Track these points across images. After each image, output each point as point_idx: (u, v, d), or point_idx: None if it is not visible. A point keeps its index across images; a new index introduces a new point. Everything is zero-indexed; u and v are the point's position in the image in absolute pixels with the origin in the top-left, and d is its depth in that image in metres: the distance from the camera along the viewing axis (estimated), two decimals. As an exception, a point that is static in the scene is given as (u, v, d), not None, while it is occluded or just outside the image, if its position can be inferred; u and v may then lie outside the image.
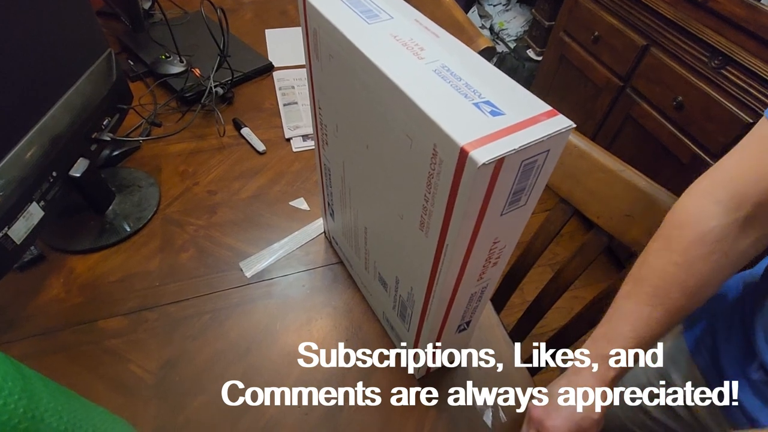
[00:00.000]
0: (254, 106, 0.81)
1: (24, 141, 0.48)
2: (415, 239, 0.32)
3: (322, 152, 0.47)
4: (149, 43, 0.86)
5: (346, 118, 0.37)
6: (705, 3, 1.01)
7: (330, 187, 0.50)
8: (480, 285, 0.35)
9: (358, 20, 0.32)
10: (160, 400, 0.46)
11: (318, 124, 0.45)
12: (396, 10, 0.33)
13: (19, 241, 0.48)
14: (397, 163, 0.31)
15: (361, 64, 0.30)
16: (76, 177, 0.54)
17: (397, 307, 0.44)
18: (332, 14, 0.32)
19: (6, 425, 0.24)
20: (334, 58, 0.34)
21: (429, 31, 0.31)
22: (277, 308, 0.54)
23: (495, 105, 0.25)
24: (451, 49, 0.29)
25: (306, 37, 0.37)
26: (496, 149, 0.22)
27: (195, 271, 0.57)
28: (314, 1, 0.33)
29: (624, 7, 1.23)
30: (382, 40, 0.30)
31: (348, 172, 0.42)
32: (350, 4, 0.33)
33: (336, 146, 0.42)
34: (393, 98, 0.27)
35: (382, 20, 0.32)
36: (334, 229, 0.56)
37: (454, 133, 0.23)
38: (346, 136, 0.39)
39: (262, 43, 0.96)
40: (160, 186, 0.65)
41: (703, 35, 1.01)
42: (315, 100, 0.43)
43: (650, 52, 1.16)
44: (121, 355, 0.49)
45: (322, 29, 0.34)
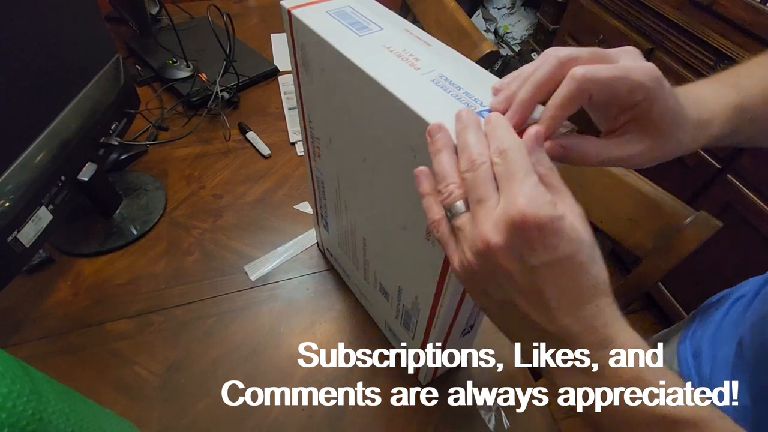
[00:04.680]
0: (259, 110, 0.81)
1: (33, 145, 0.49)
2: (421, 250, 0.32)
3: (314, 164, 0.47)
4: (156, 47, 0.87)
5: (340, 132, 0.37)
6: (710, 6, 1.01)
7: (324, 199, 0.49)
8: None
9: (349, 33, 0.31)
10: (166, 402, 0.46)
11: (308, 137, 0.44)
12: (384, 20, 0.33)
13: (28, 245, 0.48)
14: (399, 176, 0.31)
15: (357, 79, 0.29)
16: (84, 181, 0.55)
17: (400, 317, 0.44)
18: (321, 28, 0.32)
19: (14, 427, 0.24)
20: (327, 72, 0.34)
21: (421, 41, 0.31)
22: (281, 311, 0.54)
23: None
24: (446, 58, 0.29)
25: (293, 50, 0.37)
26: None
27: (200, 274, 0.57)
28: (300, 15, 0.33)
29: (628, 10, 1.22)
30: (377, 53, 0.30)
31: (343, 184, 0.42)
32: (337, 16, 0.33)
33: (329, 159, 0.42)
34: (396, 113, 0.27)
35: (373, 32, 0.32)
36: (328, 241, 0.55)
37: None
38: (340, 150, 0.39)
39: (268, 47, 0.97)
40: (166, 190, 0.66)
41: (708, 38, 1.01)
42: (305, 113, 0.42)
43: (655, 55, 1.16)
44: (127, 357, 0.49)
45: (310, 44, 0.33)
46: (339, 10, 0.34)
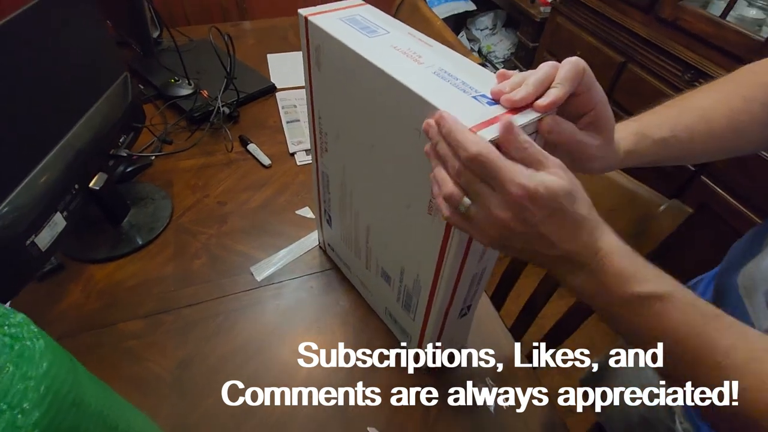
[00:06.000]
0: (259, 123, 0.85)
1: (50, 155, 0.52)
2: (423, 225, 0.35)
3: (320, 160, 0.51)
4: (158, 68, 0.91)
5: (349, 124, 0.41)
6: (675, 22, 1.09)
7: (328, 194, 0.53)
8: (480, 266, 0.39)
9: (360, 35, 0.36)
10: (177, 397, 0.48)
11: (317, 133, 0.48)
12: (390, 26, 0.38)
13: (44, 249, 0.50)
14: (405, 156, 0.35)
15: (368, 73, 0.34)
16: (96, 190, 0.58)
17: (401, 299, 0.47)
18: (335, 32, 0.37)
19: (57, 394, 0.27)
20: (339, 70, 0.38)
21: (423, 42, 0.36)
22: (286, 309, 0.57)
23: (490, 97, 0.29)
24: (445, 56, 0.34)
25: (307, 52, 0.42)
26: (497, 130, 0.27)
27: (208, 276, 0.59)
28: (316, 21, 0.38)
29: (602, 27, 1.31)
30: (385, 51, 0.34)
31: (349, 175, 0.46)
32: (349, 22, 0.38)
33: (336, 152, 0.46)
34: (402, 98, 0.31)
35: (380, 35, 0.37)
36: (330, 237, 0.59)
37: (462, 120, 0.27)
38: (347, 141, 0.43)
39: (265, 66, 1.02)
40: (172, 198, 0.69)
41: (675, 51, 1.09)
42: (314, 111, 0.47)
43: (628, 68, 1.24)
44: (140, 355, 0.51)
45: (326, 45, 0.38)
46: (350, 17, 0.39)
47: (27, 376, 0.25)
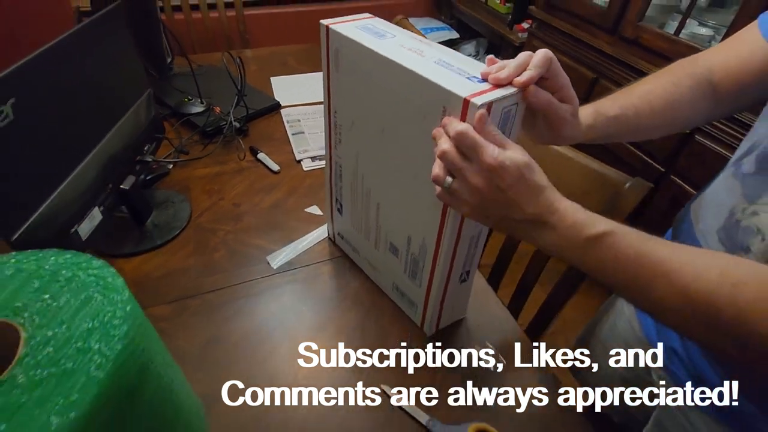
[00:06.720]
0: (267, 136, 0.93)
1: (89, 157, 0.58)
2: (428, 191, 0.42)
3: (334, 152, 0.58)
4: (171, 89, 0.99)
5: (362, 113, 0.49)
6: (636, 40, 1.22)
7: (340, 182, 0.60)
8: (476, 229, 0.45)
9: (373, 38, 0.45)
10: (204, 372, 0.52)
11: (332, 126, 0.56)
12: (397, 32, 0.47)
13: (84, 238, 0.56)
14: (412, 135, 0.43)
15: (381, 65, 0.42)
16: (126, 190, 0.64)
17: (408, 268, 0.53)
18: (353, 36, 0.45)
19: (137, 316, 0.32)
20: (355, 67, 0.47)
21: (425, 43, 0.44)
22: (301, 293, 0.62)
23: (480, 77, 0.37)
24: (443, 52, 0.43)
25: (326, 56, 0.50)
26: (486, 98, 0.35)
27: (227, 265, 0.65)
28: (336, 28, 0.47)
29: (574, 48, 1.44)
30: (395, 49, 0.43)
31: (362, 159, 0.53)
32: (363, 29, 0.47)
33: (350, 141, 0.54)
34: (409, 83, 0.39)
35: (389, 38, 0.45)
36: (341, 225, 0.65)
37: (459, 92, 0.35)
38: (361, 128, 0.51)
39: (269, 88, 1.11)
40: (190, 202, 0.75)
41: (638, 65, 1.21)
42: (330, 108, 0.55)
43: (599, 83, 1.36)
44: (170, 334, 0.56)
45: (344, 47, 0.47)
46: (363, 26, 0.48)
47: (113, 301, 0.31)
